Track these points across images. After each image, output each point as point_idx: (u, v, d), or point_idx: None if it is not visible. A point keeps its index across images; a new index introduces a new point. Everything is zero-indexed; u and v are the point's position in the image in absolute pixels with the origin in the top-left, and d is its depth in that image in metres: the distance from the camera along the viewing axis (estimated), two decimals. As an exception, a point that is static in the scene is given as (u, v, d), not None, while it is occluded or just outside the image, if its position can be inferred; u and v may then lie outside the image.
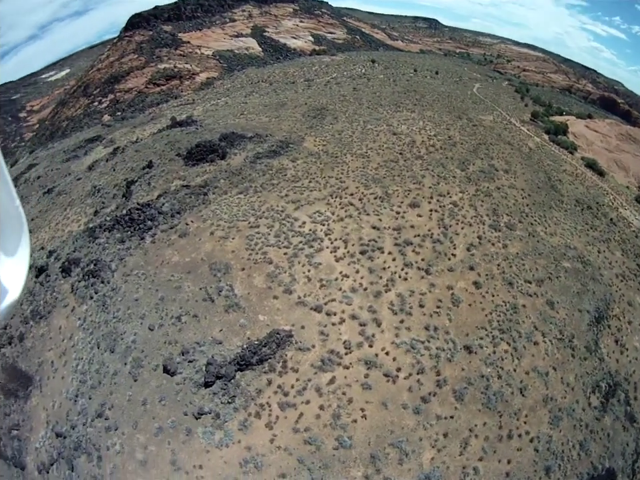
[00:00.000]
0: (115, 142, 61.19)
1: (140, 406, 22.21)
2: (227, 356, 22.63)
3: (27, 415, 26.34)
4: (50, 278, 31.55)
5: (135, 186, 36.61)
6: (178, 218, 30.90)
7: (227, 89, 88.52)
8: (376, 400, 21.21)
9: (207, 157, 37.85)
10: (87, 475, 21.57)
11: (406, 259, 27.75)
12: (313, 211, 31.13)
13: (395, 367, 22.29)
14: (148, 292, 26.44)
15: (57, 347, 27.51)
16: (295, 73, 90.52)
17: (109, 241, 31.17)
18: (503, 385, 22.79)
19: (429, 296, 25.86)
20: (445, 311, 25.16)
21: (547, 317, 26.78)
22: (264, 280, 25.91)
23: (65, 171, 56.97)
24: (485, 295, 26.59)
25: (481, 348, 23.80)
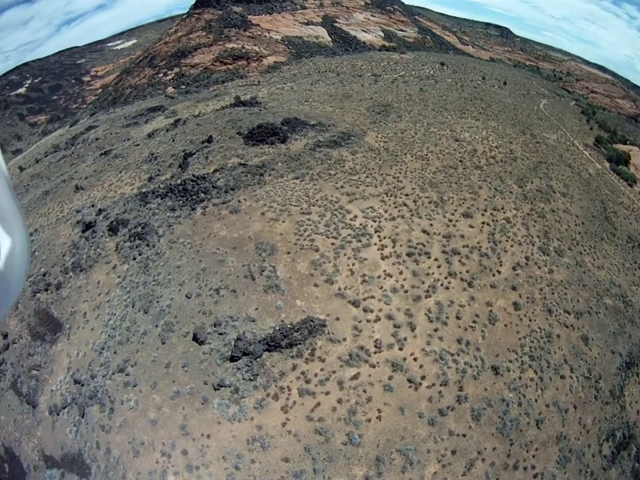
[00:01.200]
0: (176, 114, 66.35)
1: (163, 368, 24.57)
2: (258, 335, 24.49)
3: (49, 358, 29.50)
4: (96, 234, 35.08)
5: (192, 158, 39.95)
6: (231, 194, 33.54)
7: (294, 74, 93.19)
8: (394, 403, 22.39)
9: (267, 139, 40.62)
10: (96, 424, 24.18)
11: (451, 268, 28.86)
12: (366, 206, 32.76)
13: (420, 374, 23.43)
14: (191, 261, 28.99)
15: (92, 299, 30.65)
16: (363, 67, 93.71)
17: (160, 208, 34.32)
18: (522, 413, 23.50)
19: (467, 309, 26.83)
20: (480, 327, 26.09)
21: (579, 352, 27.14)
22: (307, 266, 27.72)
23: (124, 136, 62.49)
24: (522, 318, 27.34)
25: (507, 371, 24.60)
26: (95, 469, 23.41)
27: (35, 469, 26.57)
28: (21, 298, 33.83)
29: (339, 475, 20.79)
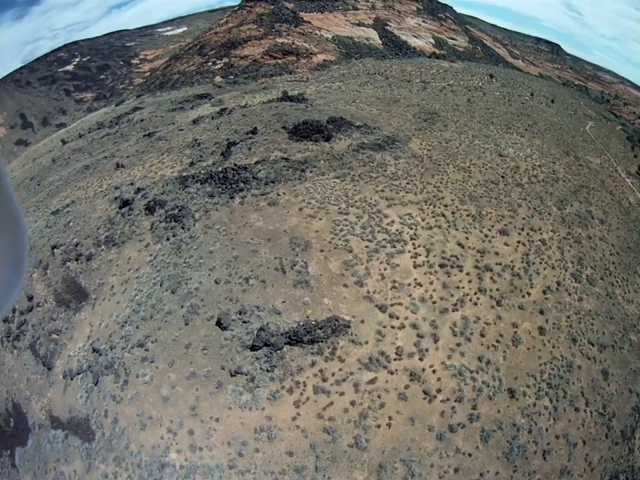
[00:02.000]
0: (223, 103, 69.52)
1: (182, 348, 26.21)
2: (281, 327, 25.79)
3: (71, 325, 31.67)
4: (132, 212, 37.43)
5: (235, 148, 42.11)
6: (271, 187, 35.29)
7: (343, 74, 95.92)
8: (406, 413, 23.29)
9: (312, 136, 42.40)
10: (108, 393, 25.99)
11: (481, 284, 29.59)
12: (404, 213, 33.90)
13: (436, 387, 24.27)
14: (224, 248, 30.74)
15: (121, 274, 32.78)
16: (412, 72, 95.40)
17: (198, 193, 36.40)
18: (530, 440, 23.98)
19: (492, 327, 27.51)
20: (503, 347, 26.72)
21: (597, 386, 27.33)
22: (339, 266, 28.95)
23: (169, 120, 65.96)
24: (546, 344, 27.85)
25: (523, 396, 25.16)
26: (99, 435, 25.18)
27: (39, 427, 28.62)
28: (50, 265, 36.42)
29: (340, 476, 21.76)
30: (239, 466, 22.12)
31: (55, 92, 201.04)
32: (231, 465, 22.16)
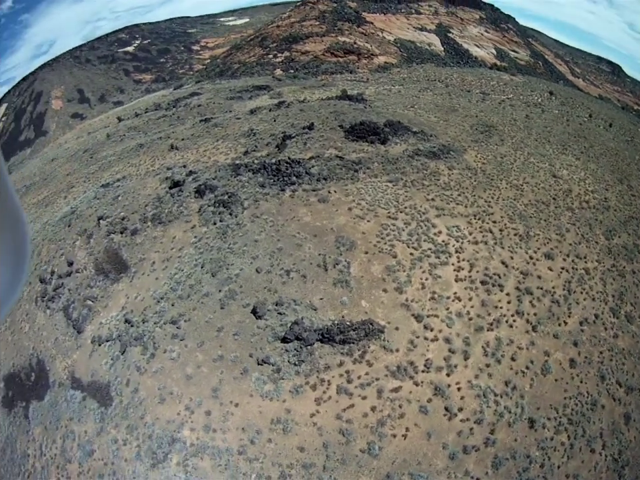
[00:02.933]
0: (282, 96, 72.46)
1: (214, 331, 27.90)
2: (315, 324, 27.02)
3: (107, 294, 34.07)
4: (182, 194, 39.90)
5: (290, 141, 44.11)
6: (322, 184, 36.89)
7: (403, 78, 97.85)
8: (424, 427, 24.02)
9: (368, 137, 43.86)
10: (133, 364, 27.96)
11: (520, 307, 29.96)
12: (453, 224, 34.69)
13: (458, 405, 24.88)
14: (269, 238, 32.48)
15: (164, 252, 35.04)
16: (472, 82, 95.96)
17: (250, 182, 38.47)
18: (540, 475, 24.23)
19: (524, 353, 27.82)
20: (531, 375, 27.00)
21: (617, 430, 27.06)
22: (381, 270, 30.02)
23: (226, 107, 69.40)
24: (574, 377, 27.86)
25: (542, 428, 25.36)
26: (117, 402, 27.15)
27: (59, 385, 30.91)
28: (95, 234, 39.28)
29: (346, 479, 22.71)
30: (249, 453, 23.44)
31: (114, 71, 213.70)
32: (241, 450, 23.52)
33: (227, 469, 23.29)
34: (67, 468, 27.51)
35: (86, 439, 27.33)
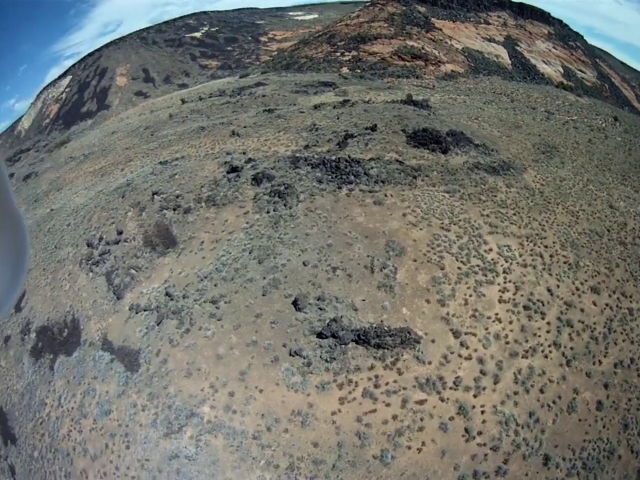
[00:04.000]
0: (347, 94, 74.07)
1: (252, 316, 29.34)
2: (353, 324, 27.95)
3: (152, 266, 36.33)
4: (239, 179, 41.68)
5: (352, 140, 45.19)
6: (380, 186, 37.75)
7: (469, 88, 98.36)
8: (440, 444, 24.40)
9: (429, 145, 44.41)
10: (166, 336, 29.81)
11: (558, 338, 29.74)
12: (504, 244, 34.79)
13: (478, 428, 25.13)
14: (321, 234, 33.75)
15: (214, 233, 36.78)
16: (538, 100, 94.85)
17: (308, 176, 39.77)
18: None
19: (554, 387, 27.61)
20: (556, 410, 26.79)
21: None
22: (427, 280, 30.65)
23: (291, 100, 71.44)
24: (598, 421, 27.41)
25: (556, 467, 25.24)
26: (144, 369, 28.96)
27: (90, 344, 33.24)
28: (147, 208, 41.27)
29: None
30: (263, 439, 24.57)
31: (180, 55, 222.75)
32: (256, 435, 24.67)
33: (237, 451, 24.53)
34: (81, 422, 29.63)
35: (106, 398, 29.40)
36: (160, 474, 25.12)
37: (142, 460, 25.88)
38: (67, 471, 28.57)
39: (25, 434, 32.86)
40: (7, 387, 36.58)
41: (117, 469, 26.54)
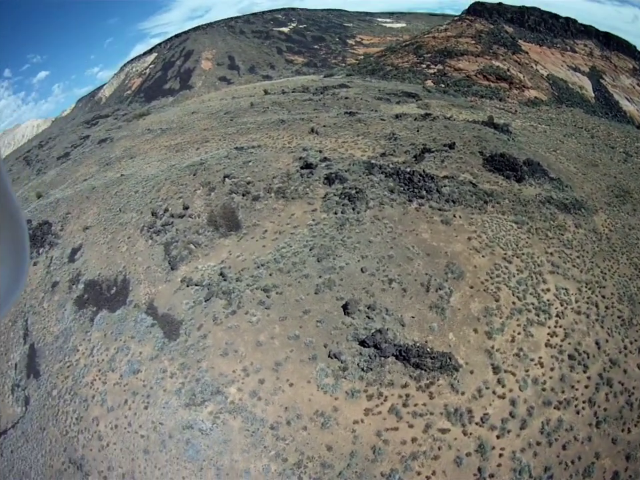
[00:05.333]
0: (429, 108, 74.80)
1: (300, 311, 30.53)
2: (398, 339, 28.50)
3: (212, 244, 38.41)
4: (312, 176, 43.15)
5: (429, 155, 45.61)
6: (449, 206, 38.03)
7: (550, 118, 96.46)
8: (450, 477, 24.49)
9: (505, 171, 44.10)
10: (211, 313, 31.54)
11: (594, 396, 28.69)
12: (563, 286, 33.98)
13: (491, 470, 24.91)
14: (383, 243, 34.60)
15: (278, 224, 38.44)
16: (617, 139, 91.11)
17: (380, 184, 40.63)
18: None
19: (577, 446, 26.76)
20: (573, 471, 26.03)
21: None
22: (479, 309, 30.69)
23: (373, 106, 72.94)
24: None
25: None
26: (182, 340, 30.85)
27: (135, 306, 35.56)
28: (217, 189, 43.06)
29: None
30: (279, 431, 25.58)
31: (267, 47, 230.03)
32: (274, 426, 25.71)
33: (252, 436, 25.71)
34: (107, 375, 31.77)
35: (138, 358, 31.47)
36: (169, 439, 26.68)
37: (156, 423, 27.55)
38: (80, 415, 30.65)
39: (50, 372, 35.36)
40: (44, 327, 39.46)
41: (129, 425, 28.34)
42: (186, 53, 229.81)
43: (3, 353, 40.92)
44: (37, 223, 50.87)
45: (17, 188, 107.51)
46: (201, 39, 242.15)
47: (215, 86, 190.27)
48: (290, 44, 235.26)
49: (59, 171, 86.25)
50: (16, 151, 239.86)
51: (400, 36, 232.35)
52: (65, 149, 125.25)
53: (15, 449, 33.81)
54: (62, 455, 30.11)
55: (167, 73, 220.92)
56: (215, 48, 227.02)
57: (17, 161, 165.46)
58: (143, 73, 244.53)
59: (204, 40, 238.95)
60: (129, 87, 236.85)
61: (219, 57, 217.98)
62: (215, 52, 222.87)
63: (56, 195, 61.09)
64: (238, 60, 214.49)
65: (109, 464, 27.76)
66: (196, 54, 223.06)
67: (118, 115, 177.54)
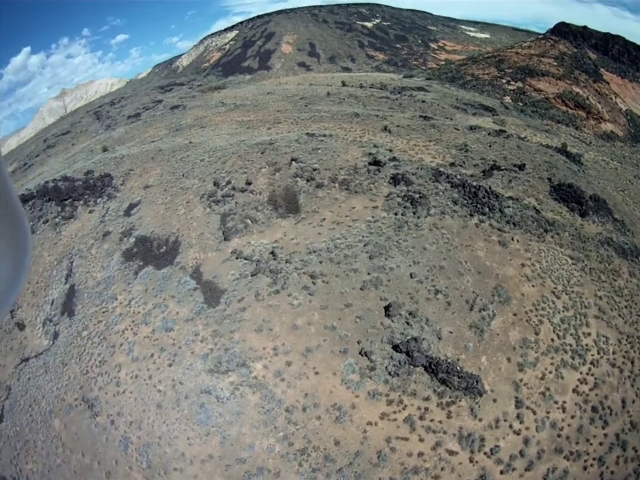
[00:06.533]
0: (504, 124, 73.93)
1: (342, 304, 30.76)
2: (431, 351, 28.27)
3: (269, 223, 39.15)
4: (378, 174, 43.39)
5: (497, 172, 44.60)
6: (509, 228, 37.12)
7: (623, 155, 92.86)
8: None
9: (570, 203, 42.47)
10: (255, 289, 32.34)
11: (606, 455, 27.52)
12: (604, 334, 32.53)
13: None
14: (438, 253, 34.30)
15: (337, 215, 38.88)
16: None
17: (445, 193, 40.30)
18: None
19: None
20: None
21: None
22: (517, 339, 29.92)
23: (448, 114, 72.71)
24: None
25: None
26: (220, 308, 31.81)
27: (181, 268, 36.77)
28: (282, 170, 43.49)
29: None
30: (293, 416, 26.00)
31: (349, 39, 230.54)
32: (290, 409, 26.17)
33: (265, 414, 26.30)
34: (140, 327, 32.99)
35: (173, 317, 32.53)
36: (185, 400, 27.59)
37: (176, 381, 28.50)
38: (104, 359, 31.97)
39: (84, 314, 36.90)
40: (88, 271, 41.04)
41: (150, 378, 29.39)
42: (267, 34, 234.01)
43: (43, 287, 42.69)
44: (99, 174, 52.98)
45: (84, 139, 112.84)
46: (283, 22, 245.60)
47: (293, 70, 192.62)
48: (372, 39, 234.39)
49: (127, 129, 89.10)
50: (87, 105, 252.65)
51: (482, 47, 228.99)
52: (137, 110, 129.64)
53: (33, 377, 35.57)
54: (77, 391, 31.46)
55: (247, 51, 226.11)
56: (297, 33, 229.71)
57: (87, 114, 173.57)
58: (222, 48, 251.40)
59: (286, 24, 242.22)
60: (207, 60, 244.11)
61: (300, 42, 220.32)
62: (296, 37, 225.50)
63: (122, 152, 63.22)
64: (319, 48, 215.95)
65: (120, 410, 28.87)
66: (277, 36, 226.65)
67: (193, 85, 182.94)
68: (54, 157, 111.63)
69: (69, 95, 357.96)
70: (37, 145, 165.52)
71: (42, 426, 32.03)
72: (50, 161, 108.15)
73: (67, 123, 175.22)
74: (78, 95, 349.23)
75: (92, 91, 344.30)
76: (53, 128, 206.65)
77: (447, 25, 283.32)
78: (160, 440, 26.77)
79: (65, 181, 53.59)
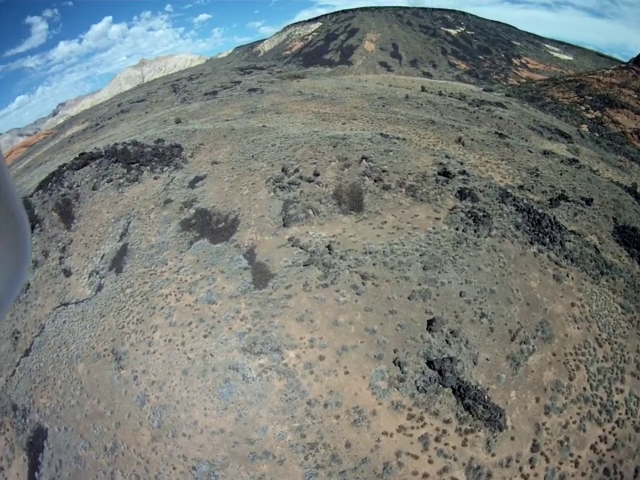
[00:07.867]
0: (578, 154, 70.70)
1: (387, 309, 30.06)
2: (464, 375, 27.25)
3: (330, 216, 38.92)
4: (446, 185, 42.13)
5: (564, 203, 42.48)
6: (566, 263, 35.07)
7: None
8: None
9: (631, 248, 39.81)
10: (304, 278, 32.16)
11: None
12: (637, 394, 29.54)
13: None
14: (491, 276, 32.74)
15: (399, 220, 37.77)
16: None
17: (509, 216, 38.71)
18: None
19: None
20: None
21: None
22: (551, 381, 28.33)
23: (524, 134, 71.72)
24: None
25: None
26: (266, 291, 31.89)
27: (235, 245, 37.18)
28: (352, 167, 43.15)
29: None
30: (313, 409, 25.78)
31: (432, 44, 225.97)
32: (312, 403, 25.96)
33: (286, 402, 26.24)
34: (184, 295, 33.52)
35: (219, 292, 32.85)
36: (212, 372, 27.93)
37: (207, 353, 28.87)
38: (142, 318, 32.71)
39: (132, 273, 37.95)
40: (143, 233, 42.08)
41: (182, 345, 29.91)
42: (351, 29, 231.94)
43: (96, 241, 44.30)
44: (169, 144, 54.58)
45: (159, 109, 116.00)
46: (367, 19, 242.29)
47: (374, 69, 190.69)
48: (455, 47, 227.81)
49: (203, 105, 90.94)
50: (164, 77, 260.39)
51: (565, 69, 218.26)
52: (214, 87, 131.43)
53: (68, 321, 36.94)
54: (108, 343, 32.43)
55: (329, 44, 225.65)
56: (380, 32, 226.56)
57: (164, 85, 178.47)
58: (305, 38, 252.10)
59: (370, 22, 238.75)
60: (289, 48, 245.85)
61: (383, 42, 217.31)
62: (379, 36, 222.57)
63: (195, 126, 64.63)
64: (401, 50, 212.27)
65: (146, 368, 29.50)
66: (360, 33, 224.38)
67: (273, 70, 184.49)
68: (126, 121, 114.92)
69: (148, 65, 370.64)
70: (110, 108, 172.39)
71: (65, 367, 33.36)
72: (122, 124, 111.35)
73: (143, 92, 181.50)
74: (157, 66, 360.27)
75: (171, 64, 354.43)
76: (129, 94, 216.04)
77: (531, 42, 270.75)
78: (177, 404, 27.37)
79: (134, 145, 55.85)
